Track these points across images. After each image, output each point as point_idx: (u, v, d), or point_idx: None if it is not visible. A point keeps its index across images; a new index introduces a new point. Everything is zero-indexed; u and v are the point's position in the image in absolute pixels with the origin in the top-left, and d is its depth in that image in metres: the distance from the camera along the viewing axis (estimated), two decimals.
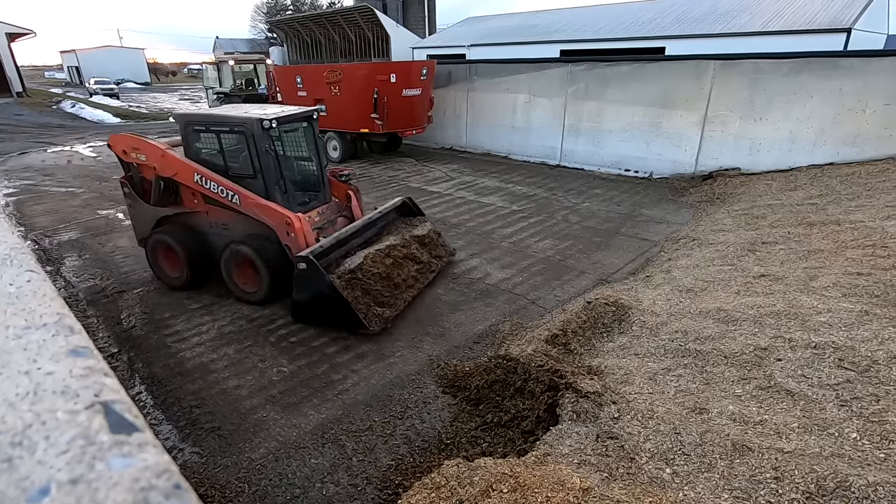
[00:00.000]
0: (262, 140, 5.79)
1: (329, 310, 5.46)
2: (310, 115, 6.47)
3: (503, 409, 4.24)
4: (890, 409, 3.12)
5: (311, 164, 6.91)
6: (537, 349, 4.58)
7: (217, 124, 6.05)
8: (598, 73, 12.98)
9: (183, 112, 6.30)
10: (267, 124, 5.72)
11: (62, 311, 0.70)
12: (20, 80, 31.34)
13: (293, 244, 5.79)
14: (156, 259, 6.80)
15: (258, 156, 5.88)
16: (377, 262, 5.90)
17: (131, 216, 7.09)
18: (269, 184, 6.01)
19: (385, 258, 6.04)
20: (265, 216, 5.85)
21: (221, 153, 6.14)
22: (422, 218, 7.44)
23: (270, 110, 6.20)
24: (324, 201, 6.85)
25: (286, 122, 6.18)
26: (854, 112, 9.60)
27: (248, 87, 18.20)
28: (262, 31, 59.65)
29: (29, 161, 15.82)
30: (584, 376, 4.03)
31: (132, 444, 0.47)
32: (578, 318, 5.14)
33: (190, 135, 6.21)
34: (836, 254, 5.77)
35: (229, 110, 6.43)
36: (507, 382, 4.36)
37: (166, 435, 4.28)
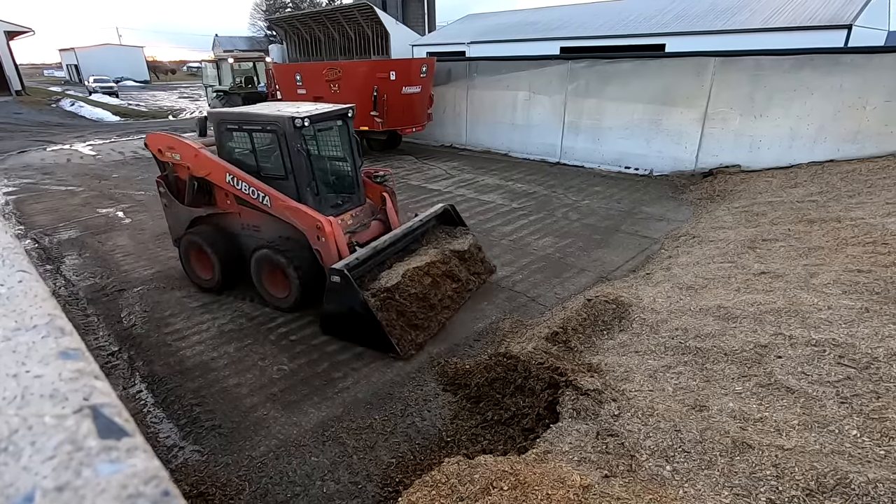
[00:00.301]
0: (293, 139, 5.55)
1: (360, 328, 5.19)
2: (344, 113, 6.16)
3: (503, 406, 4.24)
4: (890, 406, 3.12)
5: (345, 165, 6.56)
6: (538, 347, 4.58)
7: (249, 123, 5.84)
8: (598, 70, 12.94)
9: (216, 110, 6.14)
10: (299, 123, 5.46)
11: (54, 311, 0.69)
12: (19, 79, 31.31)
13: (324, 249, 5.56)
14: (188, 260, 6.72)
15: (290, 156, 5.64)
16: (415, 281, 5.50)
17: (167, 216, 7.00)
18: (300, 185, 5.75)
19: (423, 276, 5.63)
20: (295, 219, 5.62)
21: (253, 153, 5.94)
22: (463, 229, 6.89)
23: (304, 108, 5.95)
24: (358, 203, 6.50)
25: (319, 121, 5.91)
26: (855, 109, 9.57)
27: (247, 85, 18.17)
28: (261, 29, 59.51)
29: (28, 159, 15.80)
30: (584, 374, 4.03)
31: (121, 450, 0.46)
32: (579, 315, 5.14)
33: (223, 134, 6.05)
34: (836, 251, 5.76)
35: (261, 108, 6.19)
36: (508, 380, 4.36)
37: (167, 433, 4.28)
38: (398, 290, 5.30)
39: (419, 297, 5.46)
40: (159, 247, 8.34)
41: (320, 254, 5.62)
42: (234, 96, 17.43)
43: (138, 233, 9.03)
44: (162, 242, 8.52)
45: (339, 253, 5.48)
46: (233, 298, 6.53)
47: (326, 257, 5.54)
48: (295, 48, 31.52)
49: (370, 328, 5.09)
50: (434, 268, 5.84)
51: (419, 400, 4.58)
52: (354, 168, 6.47)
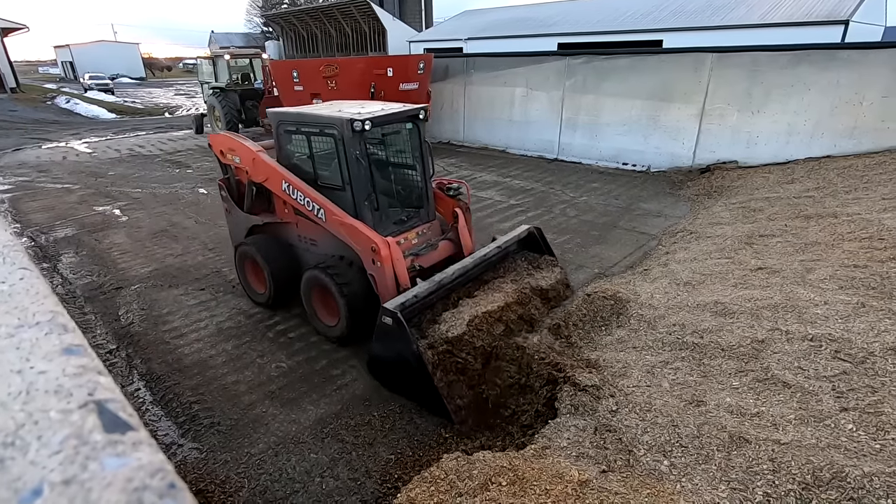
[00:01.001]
0: (352, 145, 4.80)
1: (411, 381, 4.37)
2: (415, 115, 5.31)
3: (504, 405, 4.26)
4: (885, 400, 3.14)
5: (413, 174, 5.65)
6: (542, 340, 4.56)
7: (307, 125, 5.17)
8: (595, 66, 12.93)
9: (276, 110, 5.49)
10: (359, 126, 4.68)
11: (55, 308, 0.69)
12: (14, 76, 31.11)
13: (378, 275, 4.79)
14: (243, 271, 6.26)
15: (347, 164, 4.91)
16: (483, 330, 4.49)
17: (227, 221, 6.60)
18: (357, 198, 5.00)
19: (495, 323, 4.63)
20: (349, 237, 4.91)
21: (311, 159, 5.27)
22: (550, 259, 5.86)
23: (368, 108, 5.22)
24: (425, 220, 5.64)
25: (384, 123, 5.12)
26: (851, 104, 9.60)
27: (244, 82, 18.07)
28: (257, 26, 59.22)
29: (23, 157, 15.72)
30: (582, 370, 4.04)
31: (126, 444, 0.47)
32: (579, 310, 5.15)
33: (282, 136, 5.44)
34: (832, 246, 5.79)
35: (322, 108, 5.45)
36: (509, 375, 4.37)
37: (165, 431, 4.29)
38: (461, 342, 4.33)
39: (486, 349, 4.46)
40: (156, 244, 8.32)
41: (374, 280, 4.87)
42: (231, 93, 17.33)
43: (135, 230, 9.00)
44: (159, 240, 8.51)
45: (396, 280, 4.74)
46: (231, 296, 6.52)
47: (381, 284, 4.81)
48: (292, 45, 31.40)
49: (423, 385, 4.26)
50: (509, 311, 4.80)
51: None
52: (424, 179, 5.59)
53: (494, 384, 4.33)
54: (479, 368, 4.41)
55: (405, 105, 5.45)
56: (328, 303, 5.29)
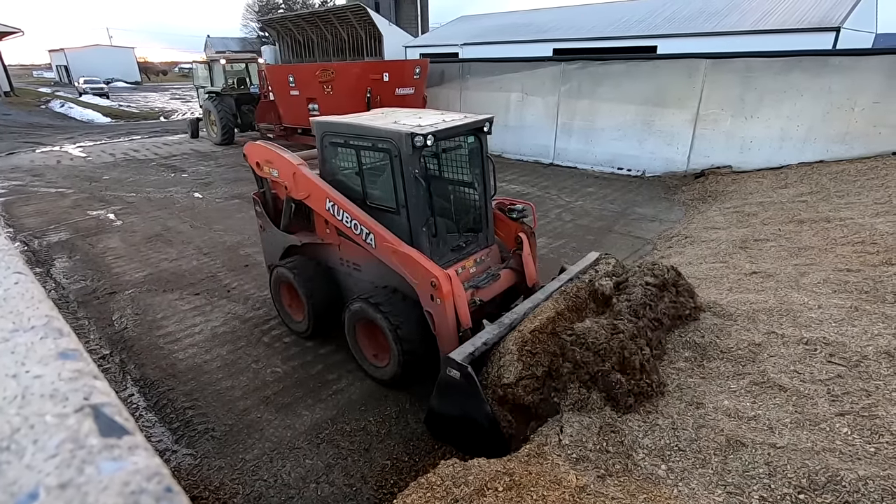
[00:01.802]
0: (411, 162, 4.14)
1: (478, 437, 3.71)
2: (479, 127, 4.65)
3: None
4: (880, 403, 3.16)
5: (473, 194, 4.97)
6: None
7: (357, 137, 4.53)
8: (590, 71, 13.01)
9: (321, 119, 4.88)
10: (419, 141, 3.99)
11: (51, 313, 0.69)
12: (8, 80, 30.98)
13: (437, 312, 4.14)
14: (279, 296, 5.73)
15: (404, 183, 4.25)
16: (538, 352, 3.75)
17: (261, 239, 6.02)
18: (414, 223, 4.36)
19: (550, 337, 3.90)
20: (405, 268, 4.27)
21: (360, 175, 4.66)
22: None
23: (428, 119, 4.51)
24: (485, 245, 4.98)
25: (448, 137, 4.53)
26: (843, 110, 9.70)
27: (239, 87, 18.06)
28: (253, 30, 59.31)
29: (17, 161, 15.63)
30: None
31: (122, 448, 0.47)
32: None
33: (326, 148, 4.83)
34: (826, 251, 5.83)
35: (375, 119, 4.75)
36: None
37: (159, 437, 4.25)
38: (519, 386, 3.59)
39: (547, 375, 3.73)
40: (151, 249, 8.28)
41: (432, 317, 4.22)
42: (227, 98, 17.32)
43: (129, 235, 8.96)
44: (153, 245, 8.47)
45: (457, 318, 4.12)
46: (226, 301, 6.49)
47: (440, 324, 4.17)
48: (287, 49, 31.44)
49: (491, 438, 3.64)
50: (562, 320, 3.99)
51: (414, 402, 4.57)
52: (485, 199, 4.93)
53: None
54: (542, 395, 3.68)
55: (467, 116, 4.78)
56: (378, 341, 4.75)
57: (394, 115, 4.95)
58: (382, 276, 4.69)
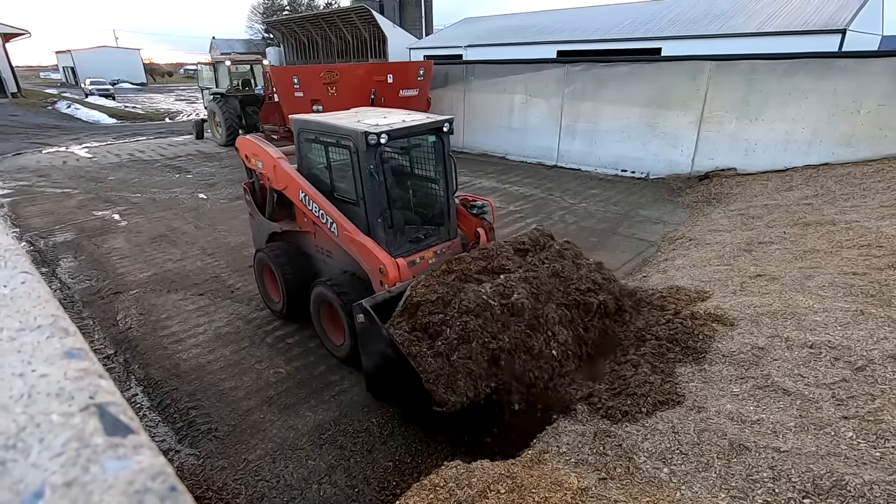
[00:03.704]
0: (367, 159, 4.51)
1: (398, 375, 3.86)
2: (439, 127, 4.97)
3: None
4: (885, 407, 3.14)
5: (435, 190, 5.33)
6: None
7: (325, 134, 4.93)
8: (594, 73, 13.00)
9: (298, 117, 5.32)
10: (374, 140, 4.37)
11: (57, 312, 0.69)
12: (15, 81, 31.20)
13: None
14: (262, 278, 6.17)
15: (361, 178, 4.64)
16: (434, 284, 4.17)
17: (251, 226, 6.59)
18: (371, 214, 4.73)
19: (446, 274, 4.32)
20: (359, 255, 4.70)
21: (329, 169, 5.08)
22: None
23: (390, 119, 4.89)
24: (446, 238, 5.29)
25: (404, 136, 4.83)
26: (849, 112, 9.65)
27: (244, 88, 18.14)
28: (258, 32, 59.58)
29: (24, 162, 15.74)
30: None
31: (127, 447, 0.47)
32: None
33: (302, 144, 5.28)
34: (831, 254, 5.80)
35: (342, 117, 5.14)
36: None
37: (163, 437, 4.26)
38: (420, 305, 3.96)
39: (446, 301, 3.97)
40: (155, 250, 8.32)
41: None
42: (232, 99, 17.40)
43: (134, 235, 9.00)
44: (158, 245, 8.51)
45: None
46: (229, 301, 6.51)
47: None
48: (292, 51, 31.56)
49: (405, 371, 3.74)
50: (465, 263, 4.36)
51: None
52: (447, 195, 5.26)
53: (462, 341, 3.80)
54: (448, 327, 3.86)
55: (430, 116, 5.15)
56: (335, 321, 5.09)
57: (362, 114, 5.32)
58: (350, 263, 5.01)
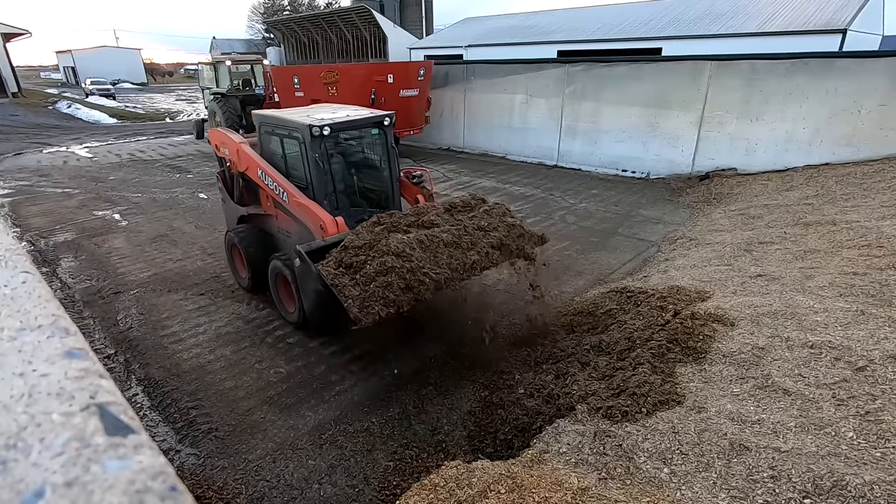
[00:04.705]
0: (312, 148, 5.25)
1: (326, 302, 4.48)
2: (380, 121, 5.72)
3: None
4: (886, 407, 3.14)
5: (379, 177, 6.06)
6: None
7: (279, 127, 5.71)
8: (595, 73, 13.00)
9: (258, 112, 6.18)
10: (317, 131, 5.16)
11: (57, 312, 0.69)
12: (16, 81, 31.21)
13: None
14: (231, 256, 6.92)
15: (309, 165, 5.38)
16: (362, 232, 4.73)
17: (224, 210, 7.32)
18: (318, 197, 5.40)
19: (372, 225, 4.90)
20: (304, 216, 5.32)
21: (284, 158, 5.83)
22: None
23: (337, 114, 5.61)
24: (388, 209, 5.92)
25: (345, 129, 5.55)
26: (849, 113, 9.64)
27: (245, 88, 18.14)
28: (259, 32, 59.59)
29: (24, 162, 15.75)
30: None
31: (128, 447, 0.47)
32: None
33: (262, 136, 6.07)
34: (832, 254, 5.79)
35: (294, 113, 5.96)
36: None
37: (163, 437, 4.27)
38: (347, 249, 4.50)
39: (369, 246, 4.48)
40: (156, 249, 8.32)
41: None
42: (232, 99, 17.39)
43: (135, 235, 9.00)
44: (158, 245, 8.51)
45: None
46: (230, 301, 6.51)
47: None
48: (293, 51, 31.57)
49: (331, 296, 4.28)
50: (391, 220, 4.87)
51: (417, 403, 4.57)
52: (391, 180, 5.96)
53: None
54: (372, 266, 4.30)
55: (373, 111, 5.89)
56: (288, 290, 5.65)
57: (314, 110, 6.11)
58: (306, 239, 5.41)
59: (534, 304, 5.51)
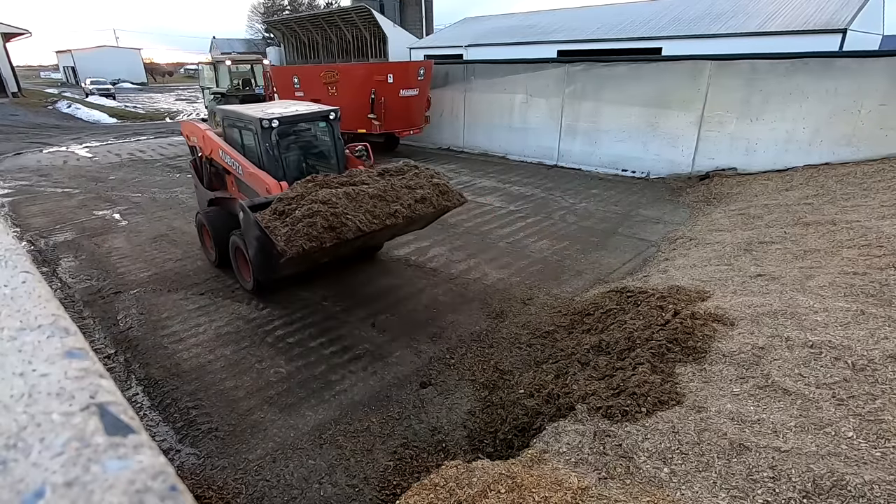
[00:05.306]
0: (264, 138, 6.16)
1: (268, 252, 5.03)
2: (326, 115, 6.64)
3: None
4: (886, 407, 3.14)
5: (327, 162, 6.98)
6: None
7: (238, 120, 6.64)
8: (595, 73, 13.00)
9: (222, 107, 7.16)
10: (266, 124, 6.06)
11: (57, 312, 0.69)
12: (16, 81, 31.21)
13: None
14: (201, 235, 7.66)
15: (261, 152, 6.29)
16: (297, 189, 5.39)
17: (196, 194, 8.20)
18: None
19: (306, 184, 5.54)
20: (254, 183, 6.21)
21: (242, 147, 6.73)
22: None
23: (288, 109, 6.56)
24: None
25: (293, 122, 6.44)
26: (849, 112, 9.64)
27: (245, 88, 18.15)
28: (258, 32, 59.59)
29: (24, 162, 15.75)
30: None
31: (128, 446, 0.47)
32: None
33: (226, 128, 7.00)
34: (832, 253, 5.79)
35: (250, 108, 6.95)
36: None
37: (163, 436, 4.27)
38: (282, 202, 5.15)
39: (301, 196, 5.19)
40: (156, 249, 8.32)
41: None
42: (232, 98, 17.39)
43: (135, 235, 9.00)
44: (159, 245, 8.51)
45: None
46: (230, 301, 6.52)
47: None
48: (292, 51, 31.55)
49: (268, 243, 4.90)
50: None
51: (416, 403, 4.57)
52: (338, 166, 6.87)
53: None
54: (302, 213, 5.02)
55: (321, 106, 6.83)
56: (244, 261, 6.37)
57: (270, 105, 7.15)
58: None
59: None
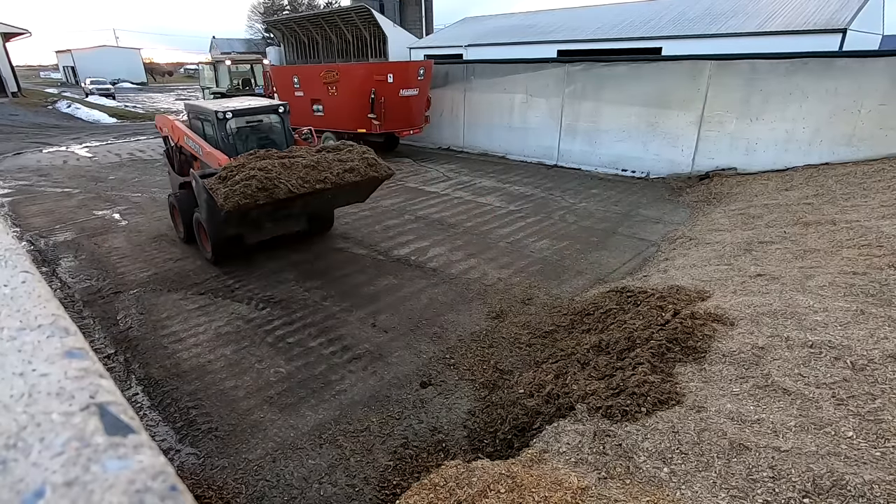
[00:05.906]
0: (220, 129, 7.27)
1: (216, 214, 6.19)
2: (275, 109, 7.83)
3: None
4: (886, 407, 3.14)
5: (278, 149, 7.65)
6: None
7: (200, 113, 7.76)
8: (594, 73, 13.00)
9: (188, 102, 8.57)
10: (221, 116, 7.18)
11: (57, 312, 0.69)
12: (15, 80, 31.18)
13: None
14: (172, 215, 8.70)
15: (218, 139, 7.31)
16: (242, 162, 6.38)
17: (169, 180, 9.29)
18: None
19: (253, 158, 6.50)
20: (210, 162, 7.00)
21: (204, 136, 7.64)
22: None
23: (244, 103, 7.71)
24: None
25: (245, 115, 7.52)
26: (849, 112, 9.64)
27: (244, 87, 18.14)
28: (258, 32, 59.58)
29: (24, 161, 15.74)
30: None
31: (127, 446, 0.47)
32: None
33: (192, 121, 8.10)
34: (831, 253, 5.79)
35: (210, 102, 8.30)
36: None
37: (163, 436, 4.27)
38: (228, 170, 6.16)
39: (242, 165, 6.16)
40: (156, 249, 8.32)
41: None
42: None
43: (135, 235, 9.00)
44: (159, 245, 8.51)
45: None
46: (230, 301, 6.51)
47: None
48: (292, 50, 31.52)
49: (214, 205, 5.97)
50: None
51: (416, 402, 4.57)
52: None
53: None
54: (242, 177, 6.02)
55: (272, 101, 8.13)
56: (204, 235, 7.34)
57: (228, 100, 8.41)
58: None
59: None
